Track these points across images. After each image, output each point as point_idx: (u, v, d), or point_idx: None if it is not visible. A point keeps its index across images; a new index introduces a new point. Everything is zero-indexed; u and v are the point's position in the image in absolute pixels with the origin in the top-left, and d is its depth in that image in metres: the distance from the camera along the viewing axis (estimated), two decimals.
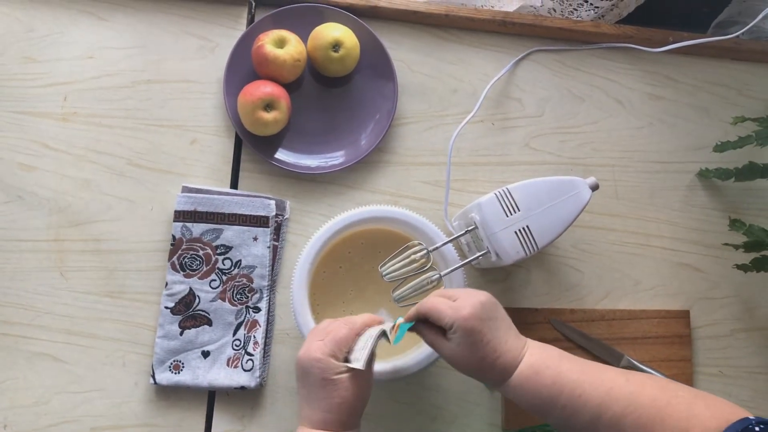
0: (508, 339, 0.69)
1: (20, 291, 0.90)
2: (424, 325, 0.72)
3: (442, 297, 0.71)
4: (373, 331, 0.72)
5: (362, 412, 0.70)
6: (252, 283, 0.90)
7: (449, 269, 0.82)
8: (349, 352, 0.70)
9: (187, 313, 0.89)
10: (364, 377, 0.69)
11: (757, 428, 0.56)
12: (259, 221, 0.91)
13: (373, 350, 0.70)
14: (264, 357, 0.89)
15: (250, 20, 0.98)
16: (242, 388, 0.87)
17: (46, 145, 0.93)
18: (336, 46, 0.91)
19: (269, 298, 0.91)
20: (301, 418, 0.69)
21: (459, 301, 0.69)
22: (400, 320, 0.73)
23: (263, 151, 0.93)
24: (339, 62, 0.92)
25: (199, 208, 0.90)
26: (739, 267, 0.93)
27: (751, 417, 0.58)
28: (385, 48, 0.95)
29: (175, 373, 0.87)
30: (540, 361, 0.68)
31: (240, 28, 0.97)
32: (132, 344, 0.90)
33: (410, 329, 0.72)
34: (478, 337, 0.67)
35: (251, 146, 0.93)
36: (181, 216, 0.90)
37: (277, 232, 0.93)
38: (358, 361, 0.68)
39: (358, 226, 0.86)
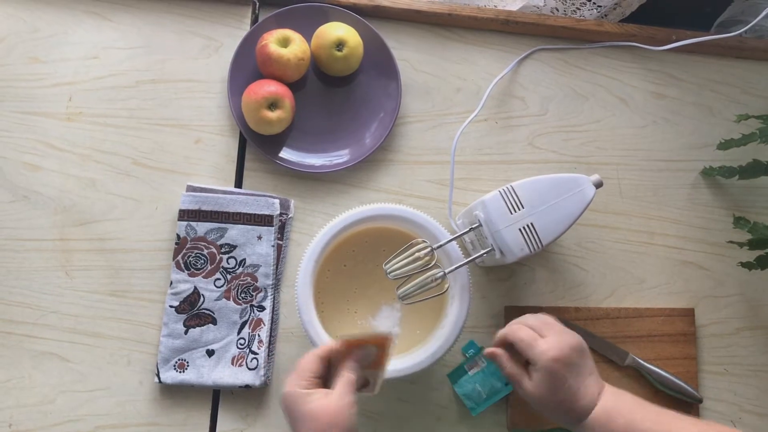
0: (588, 384, 0.71)
1: (25, 290, 0.90)
2: (508, 356, 0.74)
3: (532, 329, 0.73)
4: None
5: None
6: (256, 281, 0.90)
7: (453, 267, 0.82)
8: (325, 377, 0.68)
9: (192, 311, 0.89)
10: (338, 403, 0.64)
11: None
12: (264, 220, 0.91)
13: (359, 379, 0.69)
14: (268, 356, 0.89)
15: (254, 20, 0.99)
16: (247, 386, 0.88)
17: (51, 144, 0.93)
18: (340, 45, 0.91)
19: (273, 297, 0.91)
20: None
21: (550, 339, 0.71)
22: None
23: (267, 150, 0.93)
24: (343, 61, 0.92)
25: (204, 207, 0.90)
26: (743, 265, 0.92)
27: None
28: (388, 47, 0.96)
29: (180, 372, 0.88)
30: (613, 408, 0.69)
31: (244, 28, 0.97)
32: (137, 343, 0.90)
33: (489, 355, 0.76)
34: (561, 381, 0.69)
35: (255, 145, 0.93)
36: (185, 215, 0.90)
37: (282, 231, 0.93)
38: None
39: (362, 224, 0.86)
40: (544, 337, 0.72)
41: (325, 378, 0.69)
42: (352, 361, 0.68)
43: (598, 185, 0.82)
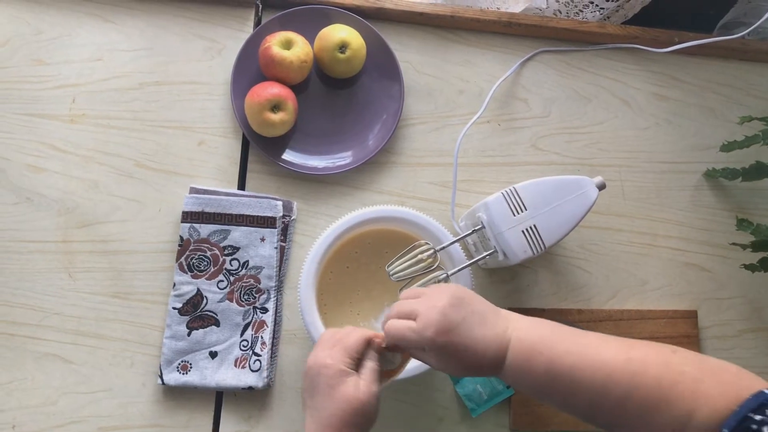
0: (485, 333, 0.64)
1: (28, 292, 0.90)
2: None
3: (402, 319, 0.67)
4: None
5: (367, 424, 0.66)
6: (259, 283, 0.91)
7: (456, 269, 0.82)
8: (361, 361, 0.68)
9: (195, 313, 0.89)
10: (368, 389, 0.66)
11: None
12: (267, 222, 0.91)
13: (382, 369, 0.70)
14: (271, 357, 0.89)
15: (257, 22, 0.99)
16: (250, 388, 0.88)
17: (55, 146, 0.93)
18: (342, 47, 0.91)
19: (276, 299, 0.91)
20: (306, 429, 0.66)
21: (420, 321, 0.64)
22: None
23: (270, 152, 0.93)
24: (345, 63, 0.93)
25: (207, 209, 0.91)
26: (746, 267, 0.92)
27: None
28: (391, 49, 0.96)
29: (183, 374, 0.88)
30: (529, 347, 0.63)
31: (247, 30, 0.97)
32: (140, 345, 0.90)
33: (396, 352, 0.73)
34: (452, 349, 0.63)
35: (258, 147, 0.93)
36: (188, 217, 0.90)
37: (285, 233, 0.93)
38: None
39: (365, 226, 0.86)
40: (414, 318, 0.65)
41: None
42: (376, 352, 0.69)
43: (601, 187, 0.82)
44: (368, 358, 0.68)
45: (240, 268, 0.91)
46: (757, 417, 0.52)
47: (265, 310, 0.90)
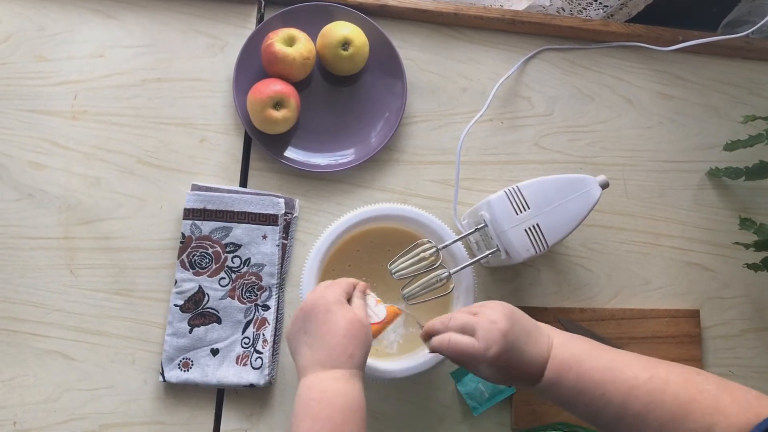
0: (533, 351, 0.68)
1: (30, 288, 0.90)
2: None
3: (461, 333, 0.69)
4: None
5: (366, 356, 0.69)
6: (261, 281, 0.90)
7: (458, 267, 0.81)
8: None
9: (197, 310, 0.89)
10: (364, 316, 0.71)
11: None
12: (269, 219, 0.91)
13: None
14: (273, 355, 0.89)
15: (260, 19, 0.98)
16: (251, 386, 0.88)
17: (57, 143, 0.93)
18: (345, 44, 0.91)
19: (278, 296, 0.91)
20: (303, 368, 0.68)
21: (482, 339, 0.67)
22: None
23: (272, 150, 0.93)
24: (348, 61, 0.92)
25: (209, 206, 0.90)
26: (749, 266, 0.92)
27: None
28: (394, 46, 0.95)
29: (184, 371, 0.88)
30: (561, 365, 0.67)
31: (249, 27, 0.97)
32: (141, 342, 0.90)
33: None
34: (507, 366, 0.67)
35: (260, 144, 0.93)
36: (190, 214, 0.90)
37: (286, 231, 0.93)
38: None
39: (367, 224, 0.86)
40: (473, 335, 0.68)
41: None
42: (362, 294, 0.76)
43: (605, 186, 0.82)
44: (355, 296, 0.74)
45: (242, 266, 0.91)
46: None
47: (266, 308, 0.90)
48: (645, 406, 0.62)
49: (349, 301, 0.73)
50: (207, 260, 0.90)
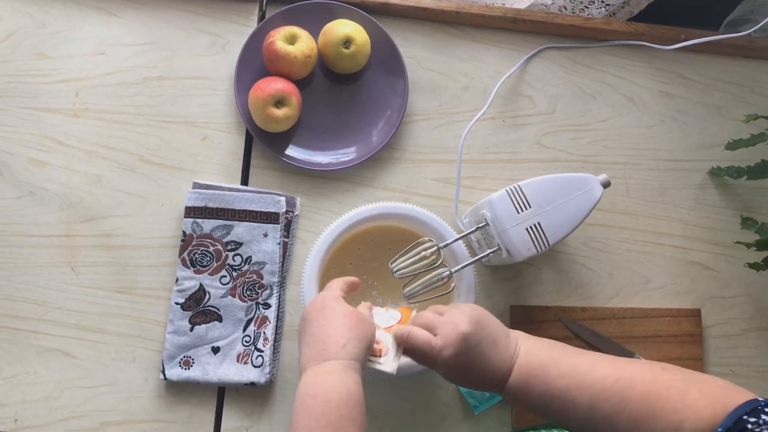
0: (495, 357, 0.68)
1: (31, 286, 0.90)
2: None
3: (423, 333, 0.70)
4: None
5: (364, 348, 0.69)
6: (262, 279, 0.90)
7: (460, 266, 0.81)
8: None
9: (198, 308, 0.89)
10: (361, 315, 0.71)
11: (767, 409, 0.54)
12: (270, 218, 0.91)
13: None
14: (274, 353, 0.89)
15: (261, 17, 0.98)
16: (252, 384, 0.88)
17: (58, 140, 0.93)
18: (347, 42, 0.91)
19: (279, 295, 0.91)
20: (302, 367, 0.68)
21: (440, 338, 0.68)
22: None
23: (274, 148, 0.93)
24: (350, 59, 0.92)
25: (210, 205, 0.90)
26: (751, 266, 0.92)
27: (760, 399, 0.56)
28: (395, 45, 0.95)
29: (185, 369, 0.88)
30: (527, 373, 0.68)
31: (251, 25, 0.97)
32: (142, 340, 0.90)
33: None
34: (465, 369, 0.68)
35: (262, 143, 0.93)
36: (191, 212, 0.90)
37: (288, 229, 0.93)
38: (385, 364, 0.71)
39: (368, 222, 0.86)
40: (435, 333, 0.69)
41: None
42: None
43: (606, 185, 0.82)
44: (362, 304, 0.76)
45: (243, 264, 0.91)
46: (752, 419, 0.54)
47: (267, 306, 0.90)
48: (612, 408, 0.62)
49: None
50: (208, 258, 0.90)
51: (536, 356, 0.69)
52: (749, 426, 0.53)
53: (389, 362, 0.71)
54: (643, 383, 0.63)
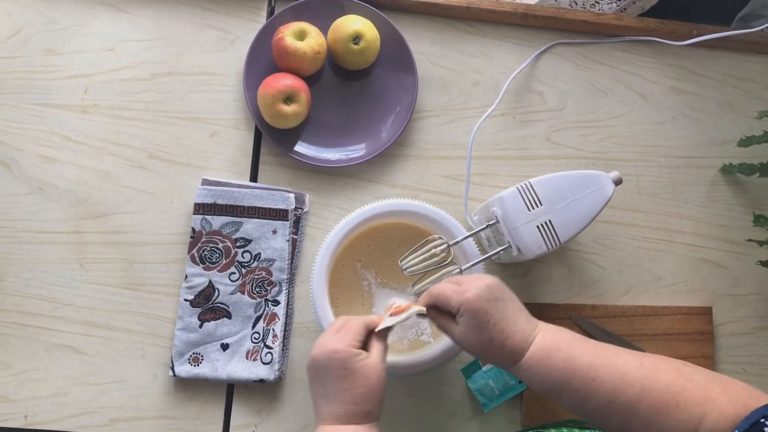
0: (517, 320, 0.67)
1: (41, 282, 0.90)
2: (435, 310, 0.71)
3: (449, 283, 0.71)
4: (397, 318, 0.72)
5: (382, 403, 0.69)
6: (271, 276, 0.90)
7: (470, 264, 0.81)
8: (366, 344, 0.71)
9: (207, 305, 0.89)
10: (381, 366, 0.69)
11: None
12: (279, 214, 0.91)
13: (386, 342, 0.72)
14: (283, 350, 0.89)
15: (270, 12, 0.98)
16: (261, 381, 0.87)
17: (67, 137, 0.93)
18: (356, 38, 0.91)
19: (288, 292, 0.91)
20: (321, 417, 0.67)
21: (465, 285, 0.68)
22: (414, 308, 0.72)
23: (283, 144, 0.93)
24: (359, 55, 0.92)
25: (219, 201, 0.90)
26: (763, 264, 0.91)
27: None
28: (405, 40, 0.95)
29: (194, 366, 0.88)
30: (552, 344, 0.66)
31: (260, 21, 0.97)
32: (151, 336, 0.90)
33: (421, 315, 0.72)
34: (485, 318, 0.66)
35: (271, 139, 0.92)
36: (200, 209, 0.90)
37: (297, 226, 0.92)
38: (390, 320, 0.71)
39: (378, 219, 0.86)
40: (461, 285, 0.69)
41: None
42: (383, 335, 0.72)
43: (618, 182, 0.81)
44: (378, 338, 0.71)
45: (252, 261, 0.90)
46: None
47: (276, 303, 0.90)
48: (638, 393, 0.61)
49: (365, 345, 0.71)
50: (217, 255, 0.90)
51: (558, 332, 0.68)
52: (766, 429, 0.53)
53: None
54: (667, 372, 0.62)
